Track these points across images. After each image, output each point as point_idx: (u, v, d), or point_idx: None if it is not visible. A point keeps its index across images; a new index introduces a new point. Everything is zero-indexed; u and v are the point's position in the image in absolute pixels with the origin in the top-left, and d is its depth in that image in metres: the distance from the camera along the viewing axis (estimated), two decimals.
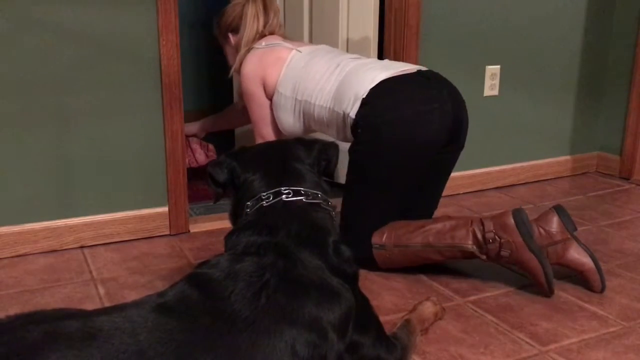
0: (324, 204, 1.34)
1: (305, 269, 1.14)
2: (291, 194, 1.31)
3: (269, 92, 2.17)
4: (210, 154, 2.73)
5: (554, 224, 1.74)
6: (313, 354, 1.03)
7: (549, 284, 1.70)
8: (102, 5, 1.95)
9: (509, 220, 1.70)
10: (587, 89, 2.95)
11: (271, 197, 1.31)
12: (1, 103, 1.89)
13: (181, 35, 2.07)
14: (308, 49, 2.15)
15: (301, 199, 1.31)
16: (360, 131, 1.86)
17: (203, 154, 2.71)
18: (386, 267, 1.86)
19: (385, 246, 1.82)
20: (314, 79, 2.02)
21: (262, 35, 2.27)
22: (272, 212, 1.28)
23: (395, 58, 2.43)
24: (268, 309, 1.03)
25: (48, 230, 2.02)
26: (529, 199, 2.65)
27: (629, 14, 2.85)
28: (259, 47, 2.22)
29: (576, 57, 2.88)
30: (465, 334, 1.55)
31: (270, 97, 2.17)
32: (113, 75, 2.01)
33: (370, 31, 2.47)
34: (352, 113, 1.87)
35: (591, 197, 2.67)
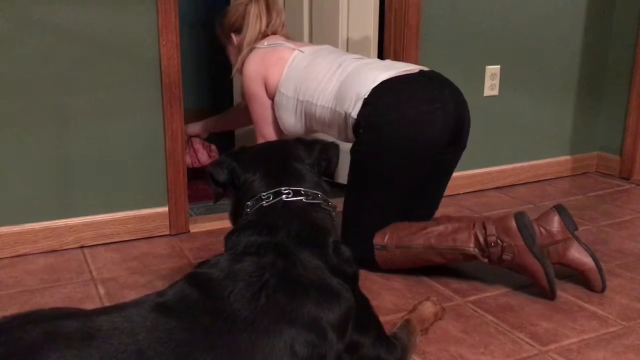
0: (324, 204, 1.34)
1: (305, 269, 1.14)
2: (291, 194, 1.31)
3: (270, 92, 2.16)
4: (212, 155, 2.73)
5: (555, 223, 1.73)
6: (312, 353, 1.03)
7: (552, 288, 1.70)
8: (102, 5, 1.95)
9: (511, 224, 1.69)
10: (587, 89, 2.95)
11: (271, 197, 1.31)
12: (1, 103, 1.89)
13: (181, 35, 2.07)
14: (310, 49, 2.15)
15: (301, 199, 1.31)
16: (362, 131, 1.85)
17: (206, 154, 2.72)
18: (387, 268, 1.86)
19: (386, 247, 1.82)
20: (316, 79, 2.02)
21: (265, 35, 2.27)
22: (272, 212, 1.28)
23: (395, 58, 2.42)
24: (267, 308, 1.03)
25: (48, 230, 2.02)
26: (529, 199, 2.65)
27: (629, 14, 2.85)
28: (261, 47, 2.21)
29: (576, 57, 2.88)
30: (465, 334, 1.55)
31: (271, 97, 2.17)
32: (113, 75, 2.01)
33: (370, 31, 2.47)
34: (354, 113, 1.87)
35: (591, 197, 2.67)
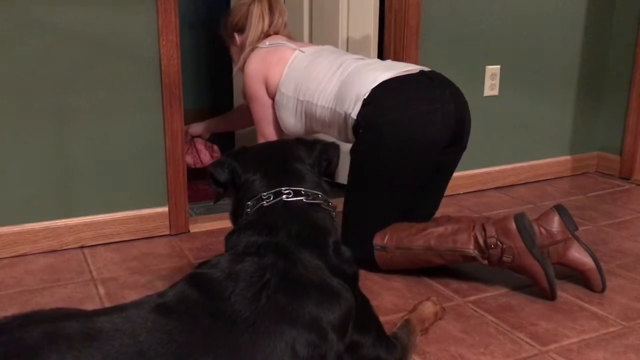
0: (325, 204, 1.34)
1: (305, 269, 1.14)
2: (292, 194, 1.31)
3: (271, 92, 2.16)
4: (215, 155, 2.73)
5: (555, 223, 1.74)
6: (313, 354, 1.03)
7: (552, 289, 1.70)
8: (102, 6, 1.95)
9: (511, 226, 1.69)
10: (587, 89, 2.95)
11: (272, 197, 1.31)
12: (1, 103, 1.89)
13: (181, 35, 2.07)
14: (312, 50, 2.15)
15: (301, 199, 1.31)
16: (361, 132, 1.85)
17: (208, 154, 2.72)
18: (387, 269, 1.86)
19: (386, 248, 1.82)
20: (316, 79, 2.02)
21: (267, 35, 2.27)
22: (273, 212, 1.29)
23: (395, 58, 2.42)
24: (268, 309, 1.03)
25: (48, 230, 2.02)
26: (529, 199, 2.65)
27: (629, 14, 2.85)
28: (263, 47, 2.22)
29: (576, 57, 2.88)
30: (465, 334, 1.55)
31: (272, 97, 2.17)
32: (113, 75, 2.01)
33: (370, 31, 2.47)
34: (354, 113, 1.87)
35: (591, 197, 2.67)
